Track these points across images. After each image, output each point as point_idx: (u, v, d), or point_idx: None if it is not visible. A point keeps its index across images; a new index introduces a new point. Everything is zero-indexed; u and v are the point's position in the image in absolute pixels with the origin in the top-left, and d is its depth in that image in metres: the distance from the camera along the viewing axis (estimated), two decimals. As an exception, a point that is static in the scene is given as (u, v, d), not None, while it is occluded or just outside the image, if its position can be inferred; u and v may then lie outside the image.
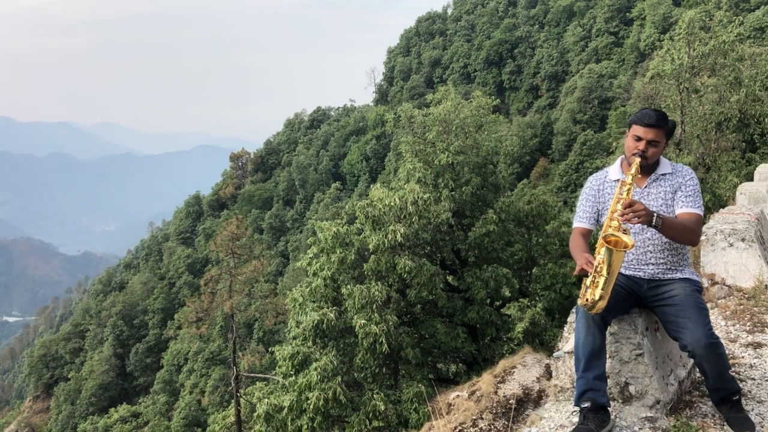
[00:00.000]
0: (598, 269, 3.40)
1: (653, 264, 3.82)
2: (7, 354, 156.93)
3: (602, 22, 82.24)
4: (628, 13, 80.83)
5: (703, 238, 5.78)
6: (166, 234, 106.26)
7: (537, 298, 15.55)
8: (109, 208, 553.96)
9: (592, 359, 3.52)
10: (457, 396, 9.80)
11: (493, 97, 15.82)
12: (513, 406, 8.44)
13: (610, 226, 3.51)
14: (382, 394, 12.48)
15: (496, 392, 8.84)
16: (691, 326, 3.47)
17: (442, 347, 14.23)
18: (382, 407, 12.10)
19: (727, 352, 3.91)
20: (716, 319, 5.10)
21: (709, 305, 5.27)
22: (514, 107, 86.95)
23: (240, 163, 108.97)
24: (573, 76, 78.23)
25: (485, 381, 9.24)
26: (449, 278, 15.41)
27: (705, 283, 5.61)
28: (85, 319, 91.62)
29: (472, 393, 9.43)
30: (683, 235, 3.65)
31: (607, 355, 3.62)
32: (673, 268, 3.83)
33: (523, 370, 9.18)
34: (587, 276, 3.46)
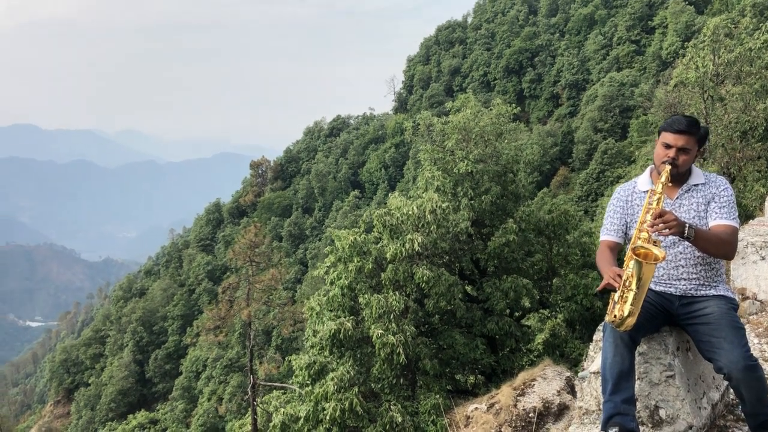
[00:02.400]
0: (627, 283, 3.20)
1: (685, 279, 3.60)
2: (29, 358, 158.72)
3: (623, 31, 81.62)
4: (649, 22, 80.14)
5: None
6: (186, 241, 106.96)
7: (558, 309, 15.28)
8: (130, 215, 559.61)
9: (620, 381, 3.31)
10: (476, 408, 9.60)
11: (513, 105, 15.62)
12: (533, 420, 8.24)
13: (639, 238, 3.33)
14: (400, 406, 12.30)
15: (515, 405, 8.64)
16: (726, 347, 3.25)
17: (461, 358, 14.02)
18: (400, 419, 11.92)
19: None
20: (748, 336, 4.88)
21: (740, 321, 5.07)
22: (535, 116, 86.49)
23: (260, 171, 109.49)
24: (594, 84, 77.67)
25: (504, 393, 9.05)
26: (468, 288, 15.20)
27: (737, 298, 5.40)
28: (105, 325, 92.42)
29: (491, 405, 9.23)
30: (718, 247, 3.44)
31: (636, 376, 3.42)
32: (706, 284, 3.61)
33: (543, 382, 8.96)
34: (615, 291, 3.27)
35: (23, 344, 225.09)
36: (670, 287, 3.63)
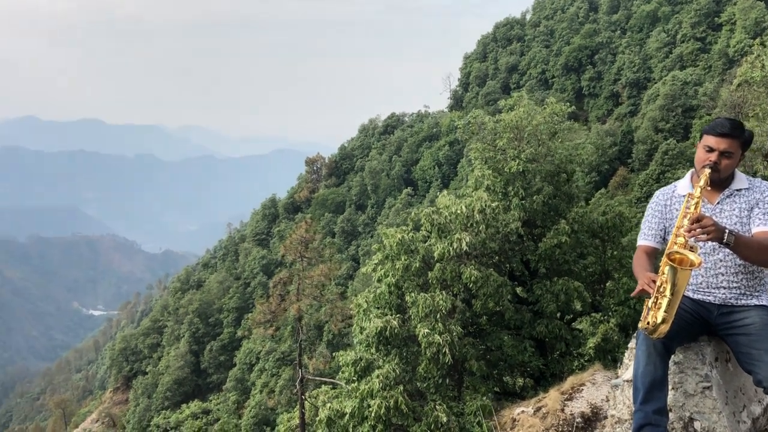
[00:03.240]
0: (661, 289, 3.10)
1: (725, 288, 3.44)
2: (92, 346, 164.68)
3: (688, 28, 79.08)
4: (716, 18, 77.42)
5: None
6: (242, 235, 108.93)
7: (610, 314, 14.91)
8: (190, 209, 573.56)
9: (652, 390, 3.20)
10: (522, 411, 9.46)
11: (568, 103, 15.30)
12: (581, 426, 8.06)
13: (675, 243, 3.21)
14: (445, 406, 12.22)
15: (562, 410, 8.46)
16: (767, 359, 3.10)
17: (509, 360, 13.84)
18: (444, 419, 11.85)
19: None
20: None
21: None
22: (593, 114, 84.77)
23: (315, 168, 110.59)
24: (655, 83, 75.56)
25: (552, 397, 8.88)
26: (518, 290, 14.99)
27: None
28: (163, 316, 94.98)
29: (538, 409, 9.08)
30: (759, 255, 3.27)
31: (670, 386, 3.28)
32: (748, 293, 3.44)
33: (592, 387, 8.74)
34: (649, 297, 3.16)
35: (86, 332, 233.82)
36: (708, 296, 3.49)
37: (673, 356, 3.34)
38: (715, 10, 78.31)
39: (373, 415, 11.73)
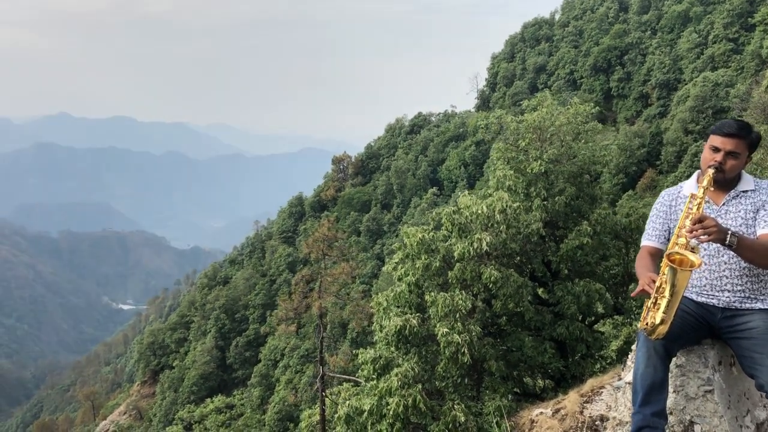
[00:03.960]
0: (661, 290, 3.10)
1: (729, 291, 3.41)
2: (121, 339, 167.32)
3: (720, 28, 77.69)
4: (750, 18, 75.96)
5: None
6: (269, 232, 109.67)
7: (633, 316, 14.80)
8: (218, 206, 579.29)
9: (651, 393, 3.18)
10: (541, 413, 9.47)
11: (592, 104, 15.21)
12: (600, 428, 8.05)
13: (676, 244, 3.20)
14: (463, 405, 12.25)
15: (581, 412, 8.45)
16: None
17: (529, 361, 13.81)
18: (463, 418, 11.87)
19: None
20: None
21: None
22: (622, 115, 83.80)
23: (341, 167, 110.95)
24: (686, 84, 74.41)
25: (571, 399, 8.87)
26: (539, 291, 14.95)
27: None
28: (190, 311, 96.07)
29: (557, 411, 9.08)
30: (763, 257, 3.23)
31: (672, 389, 3.26)
32: (752, 296, 3.40)
33: (612, 390, 8.72)
34: (649, 297, 3.17)
35: (116, 326, 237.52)
36: (712, 298, 3.46)
37: (675, 359, 3.32)
38: (748, 11, 76.83)
39: (391, 413, 11.80)
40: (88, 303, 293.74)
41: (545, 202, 13.67)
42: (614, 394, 3.66)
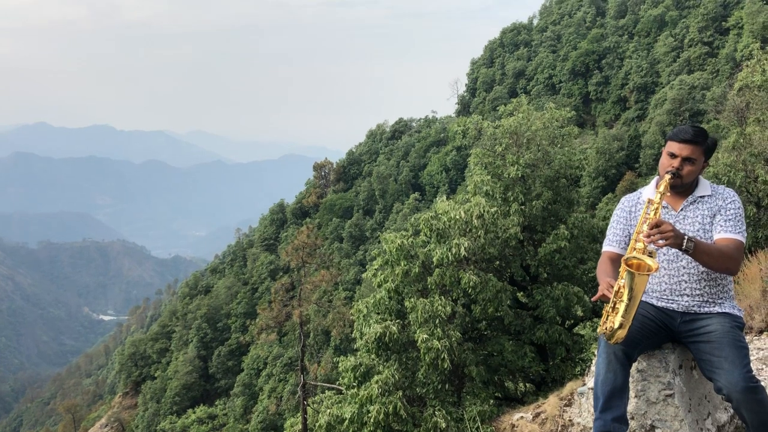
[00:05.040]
0: (619, 294, 3.11)
1: (688, 295, 3.44)
2: (102, 351, 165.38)
3: (695, 32, 78.85)
4: (724, 23, 77.15)
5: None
6: (251, 240, 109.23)
7: (611, 319, 14.85)
8: (199, 214, 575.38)
9: (611, 398, 3.19)
10: (521, 417, 9.48)
11: (568, 109, 15.32)
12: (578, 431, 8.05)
13: (634, 248, 3.22)
14: (444, 411, 12.23)
15: (561, 415, 8.48)
16: (727, 366, 3.10)
17: (509, 366, 13.83)
18: (443, 424, 11.86)
19: None
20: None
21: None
22: (601, 119, 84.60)
23: (323, 173, 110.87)
24: (663, 87, 75.36)
25: (551, 403, 8.90)
26: (519, 295, 14.99)
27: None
28: (172, 321, 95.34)
29: (537, 415, 9.10)
30: (719, 262, 3.27)
31: (633, 394, 3.28)
32: (711, 300, 3.44)
33: (591, 393, 8.74)
34: (608, 302, 3.19)
35: (97, 337, 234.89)
36: (672, 303, 3.48)
37: (636, 364, 3.33)
38: (722, 15, 78.06)
39: (372, 420, 11.76)
40: (69, 314, 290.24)
41: (523, 207, 13.72)
42: (578, 400, 3.66)
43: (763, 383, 4.20)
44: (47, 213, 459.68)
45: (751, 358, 4.54)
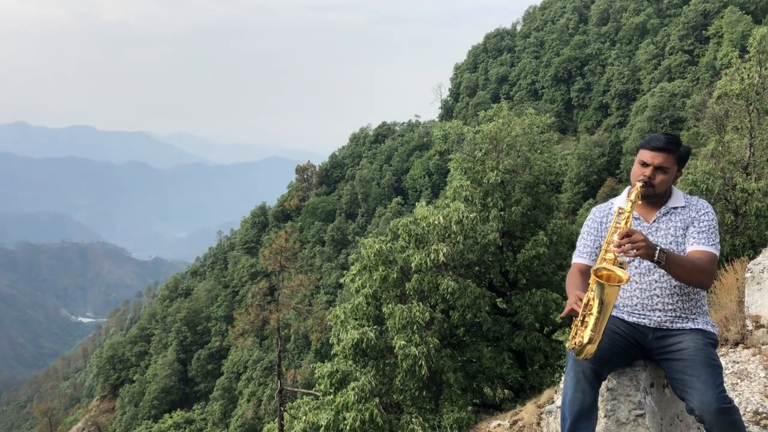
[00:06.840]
0: (589, 307, 2.98)
1: (660, 310, 3.32)
2: (80, 353, 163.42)
3: (676, 40, 79.77)
4: (704, 31, 78.12)
5: (748, 275, 5.21)
6: (232, 243, 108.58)
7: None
8: (181, 216, 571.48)
9: (579, 420, 3.07)
10: (499, 425, 9.38)
11: (548, 114, 15.31)
12: (556, 439, 7.97)
13: (604, 259, 3.09)
14: (421, 419, 12.11)
15: (538, 423, 8.39)
16: (699, 386, 2.98)
17: (487, 372, 13.75)
18: (420, 431, 11.75)
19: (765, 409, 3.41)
20: (756, 368, 4.55)
21: (750, 352, 4.75)
22: (583, 125, 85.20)
23: (305, 176, 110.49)
24: (644, 94, 76.08)
25: (528, 411, 8.80)
26: (498, 301, 14.92)
27: (749, 325, 5.05)
28: (151, 324, 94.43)
29: (514, 422, 9.00)
30: (691, 274, 3.16)
31: (602, 414, 3.14)
32: (683, 315, 3.32)
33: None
34: (578, 316, 3.06)
35: (75, 339, 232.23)
36: (643, 318, 3.36)
37: (606, 382, 3.19)
38: (702, 23, 79.03)
39: (348, 428, 11.60)
40: (47, 316, 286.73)
41: (502, 213, 13.67)
42: (546, 419, 3.53)
43: (739, 398, 4.12)
44: (25, 213, 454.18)
45: (727, 371, 4.46)
